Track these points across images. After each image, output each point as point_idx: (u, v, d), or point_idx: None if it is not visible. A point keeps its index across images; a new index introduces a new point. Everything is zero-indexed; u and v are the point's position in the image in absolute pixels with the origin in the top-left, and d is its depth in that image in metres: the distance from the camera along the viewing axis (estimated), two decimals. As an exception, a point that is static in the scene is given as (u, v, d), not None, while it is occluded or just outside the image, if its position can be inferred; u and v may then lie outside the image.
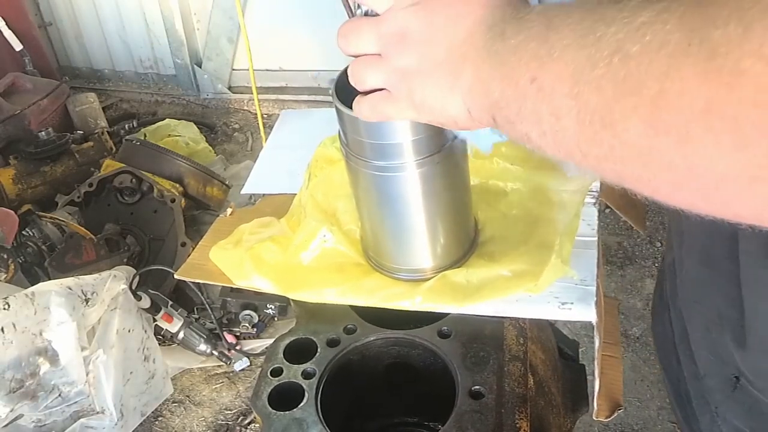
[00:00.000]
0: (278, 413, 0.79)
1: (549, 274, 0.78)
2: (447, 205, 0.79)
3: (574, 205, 0.89)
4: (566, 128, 0.44)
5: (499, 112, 0.50)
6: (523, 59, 0.46)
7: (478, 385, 0.77)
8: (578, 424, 1.00)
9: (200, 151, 3.14)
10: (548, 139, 0.46)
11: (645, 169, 0.40)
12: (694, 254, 0.71)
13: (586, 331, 2.04)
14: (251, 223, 0.96)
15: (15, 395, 1.65)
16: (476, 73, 0.51)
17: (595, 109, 0.41)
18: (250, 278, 0.88)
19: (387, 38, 0.56)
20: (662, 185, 0.41)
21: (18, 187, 2.63)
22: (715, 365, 0.70)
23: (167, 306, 2.02)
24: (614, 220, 2.65)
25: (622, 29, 0.39)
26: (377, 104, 0.60)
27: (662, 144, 0.38)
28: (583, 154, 0.44)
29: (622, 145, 0.40)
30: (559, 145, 0.46)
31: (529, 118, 0.47)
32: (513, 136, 0.51)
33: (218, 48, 3.66)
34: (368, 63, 0.59)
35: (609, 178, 0.45)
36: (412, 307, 0.81)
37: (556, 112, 0.44)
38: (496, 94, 0.49)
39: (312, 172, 0.99)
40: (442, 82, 0.54)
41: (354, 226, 0.90)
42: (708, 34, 0.34)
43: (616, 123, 0.39)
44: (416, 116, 0.59)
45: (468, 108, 0.53)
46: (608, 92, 0.39)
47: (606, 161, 0.42)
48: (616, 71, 0.39)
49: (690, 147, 0.36)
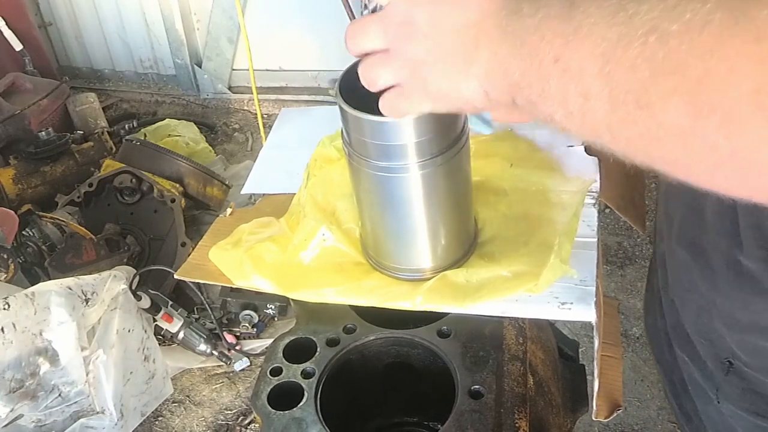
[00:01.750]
0: (278, 413, 0.79)
1: (549, 274, 0.79)
2: (449, 206, 0.79)
3: (573, 205, 0.89)
4: (596, 109, 0.42)
5: (520, 93, 0.49)
6: (545, 38, 0.45)
7: (478, 385, 0.77)
8: (578, 424, 1.00)
9: (200, 151, 3.14)
10: (575, 120, 0.45)
11: (683, 152, 0.40)
12: (684, 243, 0.71)
13: (586, 331, 2.04)
14: (251, 223, 0.96)
15: (15, 395, 1.65)
16: (493, 55, 0.50)
17: (630, 89, 0.40)
18: (249, 278, 0.88)
19: (393, 31, 0.55)
20: (701, 168, 0.40)
21: (18, 187, 2.63)
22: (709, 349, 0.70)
23: (167, 306, 2.02)
24: (614, 220, 2.65)
25: (656, 7, 0.38)
26: (392, 102, 0.59)
27: (705, 125, 0.37)
28: (613, 135, 0.43)
29: (659, 126, 0.39)
30: (587, 126, 0.45)
31: (553, 98, 0.46)
32: (534, 117, 0.50)
33: (218, 48, 3.66)
34: (376, 62, 0.58)
35: (639, 159, 0.44)
36: (412, 307, 0.81)
37: (584, 92, 0.43)
38: (517, 75, 0.48)
39: (311, 171, 0.99)
40: (455, 68, 0.53)
41: (353, 225, 0.90)
42: (751, 14, 0.33)
43: (653, 104, 0.39)
44: (432, 107, 0.58)
45: (485, 90, 0.52)
46: (644, 72, 0.38)
47: (638, 143, 0.42)
48: (653, 51, 0.38)
49: (735, 128, 0.36)
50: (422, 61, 0.54)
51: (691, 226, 0.69)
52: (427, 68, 0.54)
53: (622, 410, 0.84)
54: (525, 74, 0.47)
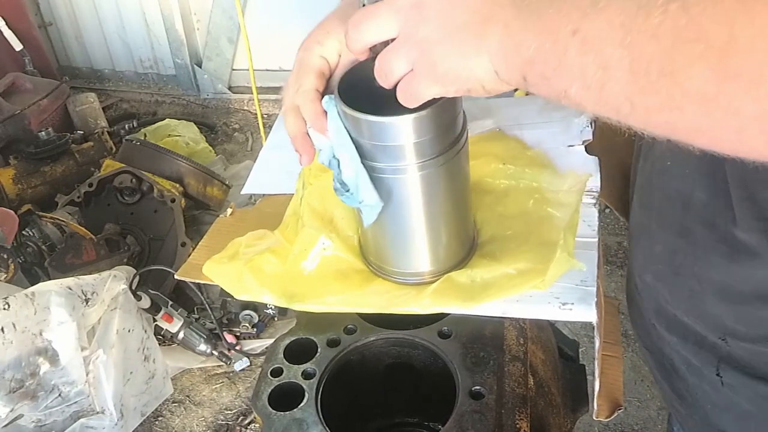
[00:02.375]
0: (278, 413, 0.79)
1: (556, 268, 0.78)
2: (449, 207, 0.79)
3: (571, 201, 0.89)
4: (616, 79, 0.42)
5: (532, 69, 0.48)
6: (562, 10, 0.45)
7: (479, 386, 0.77)
8: (578, 424, 1.00)
9: (200, 151, 3.14)
10: (592, 93, 0.45)
11: (707, 117, 0.40)
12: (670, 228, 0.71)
13: (586, 331, 2.04)
14: (246, 236, 0.94)
15: (15, 395, 1.65)
16: (505, 30, 0.49)
17: (652, 58, 0.40)
18: (251, 291, 0.86)
19: (404, 12, 0.55)
20: (724, 133, 0.40)
21: (18, 187, 2.63)
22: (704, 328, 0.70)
23: (167, 306, 2.02)
24: (614, 220, 2.65)
25: None
26: (406, 89, 0.58)
27: (731, 89, 0.37)
28: (633, 106, 0.43)
29: (683, 93, 0.39)
30: (605, 98, 0.44)
31: (570, 72, 0.45)
32: (546, 93, 0.49)
33: (218, 48, 3.66)
34: (390, 52, 0.57)
35: (659, 130, 0.44)
36: (421, 310, 0.80)
37: (604, 63, 0.42)
38: (531, 50, 0.48)
39: (306, 180, 0.98)
40: (465, 47, 0.52)
41: (352, 233, 0.90)
42: None
43: (677, 71, 0.39)
44: (441, 90, 0.57)
45: (496, 69, 0.52)
46: (667, 40, 0.39)
47: (660, 112, 0.42)
48: (675, 19, 0.38)
49: (763, 90, 0.36)
50: (433, 41, 0.54)
51: (675, 210, 0.69)
52: (437, 48, 0.54)
53: (623, 410, 0.84)
54: (540, 48, 0.47)
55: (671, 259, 0.72)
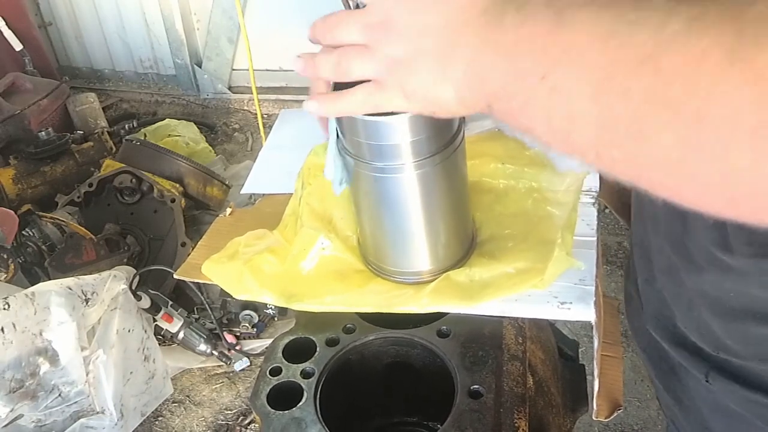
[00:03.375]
0: (277, 413, 0.79)
1: (555, 267, 0.78)
2: (447, 206, 0.79)
3: (569, 200, 0.89)
4: (582, 130, 0.42)
5: (497, 103, 0.48)
6: (532, 54, 0.44)
7: (477, 385, 0.77)
8: (578, 424, 1.00)
9: (200, 151, 3.14)
10: (557, 137, 0.45)
11: (670, 178, 0.40)
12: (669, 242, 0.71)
13: (586, 331, 2.04)
14: (245, 236, 0.94)
15: (15, 395, 1.65)
16: (472, 62, 0.49)
17: (620, 117, 0.39)
18: (250, 291, 0.86)
19: (373, 28, 0.55)
20: (687, 192, 0.40)
21: (18, 187, 2.63)
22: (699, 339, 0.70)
23: (167, 306, 2.02)
24: (614, 220, 2.65)
25: (651, 37, 0.37)
26: (368, 95, 0.59)
27: (696, 159, 0.37)
28: (598, 156, 0.42)
29: (647, 154, 0.39)
30: (570, 144, 0.44)
31: (536, 114, 0.45)
32: (512, 126, 0.49)
33: (218, 48, 3.66)
34: (355, 52, 0.57)
35: (623, 179, 0.43)
36: (419, 309, 0.80)
37: (571, 114, 0.42)
38: (496, 85, 0.47)
39: (305, 180, 0.98)
40: (431, 71, 0.52)
41: (351, 233, 0.90)
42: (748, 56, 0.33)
43: (644, 134, 0.38)
44: (407, 106, 0.57)
45: (461, 96, 0.52)
46: (636, 101, 0.38)
47: (623, 165, 0.41)
48: (647, 82, 0.37)
49: (728, 164, 0.36)
50: (400, 61, 0.54)
51: (675, 225, 0.69)
52: (405, 68, 0.54)
53: (622, 410, 0.84)
54: (506, 87, 0.47)
55: (670, 270, 0.72)
